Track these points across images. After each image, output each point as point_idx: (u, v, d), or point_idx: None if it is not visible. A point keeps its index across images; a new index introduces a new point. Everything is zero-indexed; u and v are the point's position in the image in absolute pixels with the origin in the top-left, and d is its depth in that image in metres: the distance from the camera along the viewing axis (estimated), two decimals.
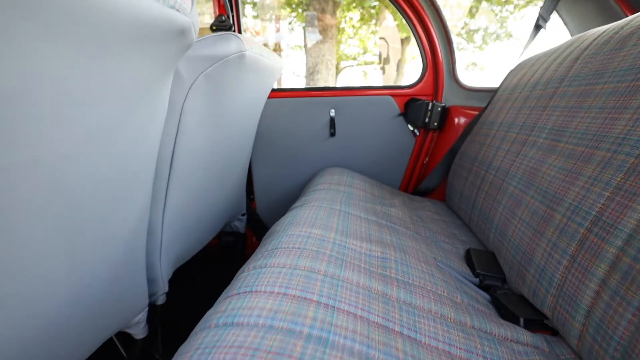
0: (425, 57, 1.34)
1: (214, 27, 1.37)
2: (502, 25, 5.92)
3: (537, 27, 1.12)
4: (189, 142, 0.84)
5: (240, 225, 1.53)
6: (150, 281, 0.87)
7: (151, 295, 0.89)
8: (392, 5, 1.30)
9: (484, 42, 6.09)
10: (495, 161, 0.94)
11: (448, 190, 1.26)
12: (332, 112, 1.43)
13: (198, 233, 1.07)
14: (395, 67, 6.39)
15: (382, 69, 6.63)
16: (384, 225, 0.87)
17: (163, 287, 0.90)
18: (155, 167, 0.73)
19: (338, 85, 6.60)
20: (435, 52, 1.31)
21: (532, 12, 5.74)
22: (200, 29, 0.91)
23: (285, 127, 1.48)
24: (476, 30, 6.04)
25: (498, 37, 6.05)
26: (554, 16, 1.18)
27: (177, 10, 0.45)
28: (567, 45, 0.89)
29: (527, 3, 5.64)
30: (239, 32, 1.43)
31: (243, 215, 1.54)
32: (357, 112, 1.43)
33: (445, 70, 1.33)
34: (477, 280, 0.74)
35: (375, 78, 6.94)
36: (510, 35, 5.99)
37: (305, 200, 0.99)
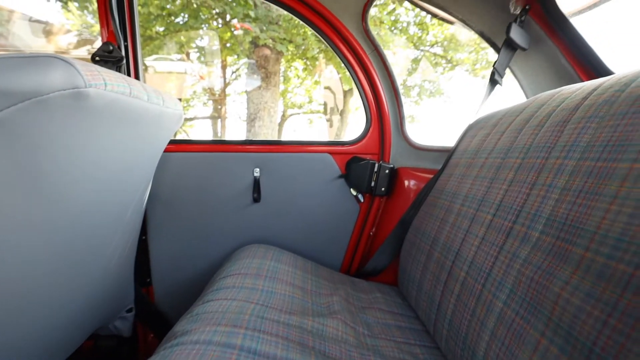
0: (369, 110, 1.12)
1: (97, 58, 1.03)
2: (434, 83, 6.44)
3: (493, 82, 0.97)
4: None
5: (123, 325, 1.09)
6: None
7: None
8: (336, 57, 1.09)
9: (420, 97, 6.55)
10: (465, 250, 0.69)
11: (401, 275, 0.98)
12: (257, 172, 1.13)
13: None
14: (339, 117, 6.50)
15: (329, 120, 6.72)
16: None
17: None
18: None
19: (282, 137, 6.48)
20: (380, 105, 1.10)
21: (458, 74, 6.35)
22: (82, 59, 0.57)
23: (195, 190, 1.13)
24: (412, 87, 6.48)
25: (432, 93, 6.56)
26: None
27: None
28: (540, 105, 0.70)
29: (453, 67, 6.24)
30: (135, 67, 1.10)
31: (129, 310, 1.10)
32: (288, 173, 1.14)
33: (392, 126, 1.12)
34: None
35: (320, 126, 7.00)
36: (442, 93, 6.54)
37: (193, 318, 0.63)
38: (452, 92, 6.60)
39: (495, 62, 0.96)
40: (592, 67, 0.89)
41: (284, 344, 0.58)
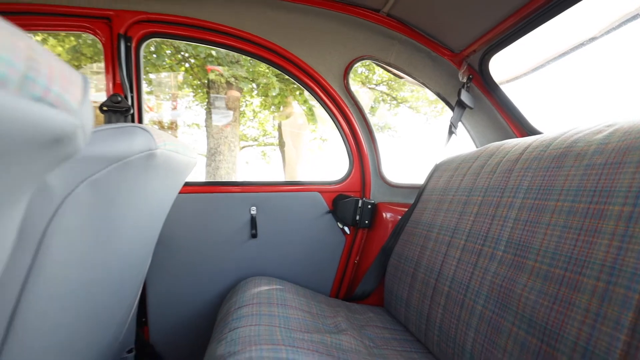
0: (351, 154, 1.32)
1: (104, 108, 1.11)
2: (382, 118, 7.05)
3: (450, 133, 1.23)
4: (51, 283, 0.54)
5: None
6: None
7: None
8: (295, 97, 1.28)
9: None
10: (446, 270, 0.87)
11: (387, 296, 1.14)
12: (254, 210, 1.24)
13: None
14: (295, 151, 6.70)
15: (282, 152, 6.92)
16: None
17: None
18: None
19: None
20: (361, 150, 1.31)
21: (403, 111, 7.03)
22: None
23: (194, 229, 1.21)
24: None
25: (381, 128, 7.17)
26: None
27: (52, 105, 0.24)
28: (490, 154, 0.94)
29: (398, 104, 6.93)
30: (139, 118, 1.19)
31: (130, 351, 1.11)
32: (282, 210, 1.28)
33: (371, 167, 1.32)
34: None
35: (274, 158, 7.18)
36: (390, 127, 7.18)
37: (231, 342, 0.72)
38: (398, 127, 7.26)
39: (451, 117, 1.22)
40: (520, 124, 1.19)
41: (318, 355, 0.70)
